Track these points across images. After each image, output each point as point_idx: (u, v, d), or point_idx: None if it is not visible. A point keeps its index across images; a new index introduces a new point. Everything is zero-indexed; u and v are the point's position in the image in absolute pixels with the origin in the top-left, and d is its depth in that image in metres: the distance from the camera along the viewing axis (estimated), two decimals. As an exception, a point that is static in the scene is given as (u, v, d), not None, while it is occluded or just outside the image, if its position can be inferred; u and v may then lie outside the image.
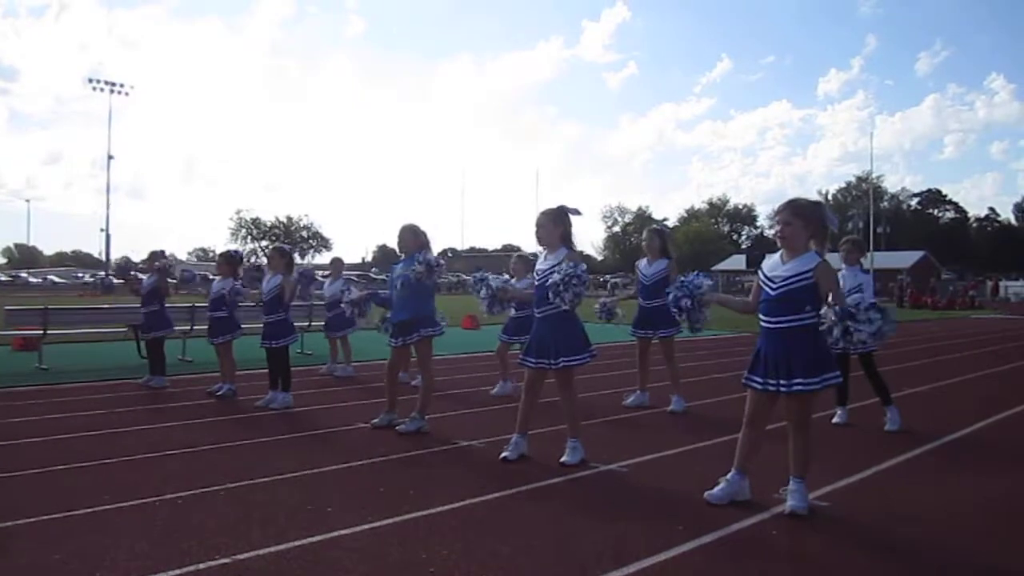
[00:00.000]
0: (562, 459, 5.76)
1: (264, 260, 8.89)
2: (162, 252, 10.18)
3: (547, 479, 5.39)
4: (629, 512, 4.71)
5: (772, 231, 5.90)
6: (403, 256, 7.15)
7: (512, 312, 9.05)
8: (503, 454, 5.87)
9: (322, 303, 11.84)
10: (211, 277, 10.11)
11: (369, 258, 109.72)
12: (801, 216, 4.65)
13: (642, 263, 8.39)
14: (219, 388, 9.00)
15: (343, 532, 4.25)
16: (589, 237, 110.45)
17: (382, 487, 5.20)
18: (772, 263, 4.73)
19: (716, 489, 4.78)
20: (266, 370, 8.53)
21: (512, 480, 5.32)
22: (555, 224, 5.85)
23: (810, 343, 4.58)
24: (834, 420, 7.40)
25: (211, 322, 9.32)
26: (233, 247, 78.18)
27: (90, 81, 64.89)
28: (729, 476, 4.80)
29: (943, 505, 4.94)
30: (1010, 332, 21.94)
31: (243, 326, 9.39)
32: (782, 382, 4.54)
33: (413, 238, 7.15)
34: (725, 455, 6.26)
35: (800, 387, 4.52)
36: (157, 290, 9.85)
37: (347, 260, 55.05)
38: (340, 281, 11.35)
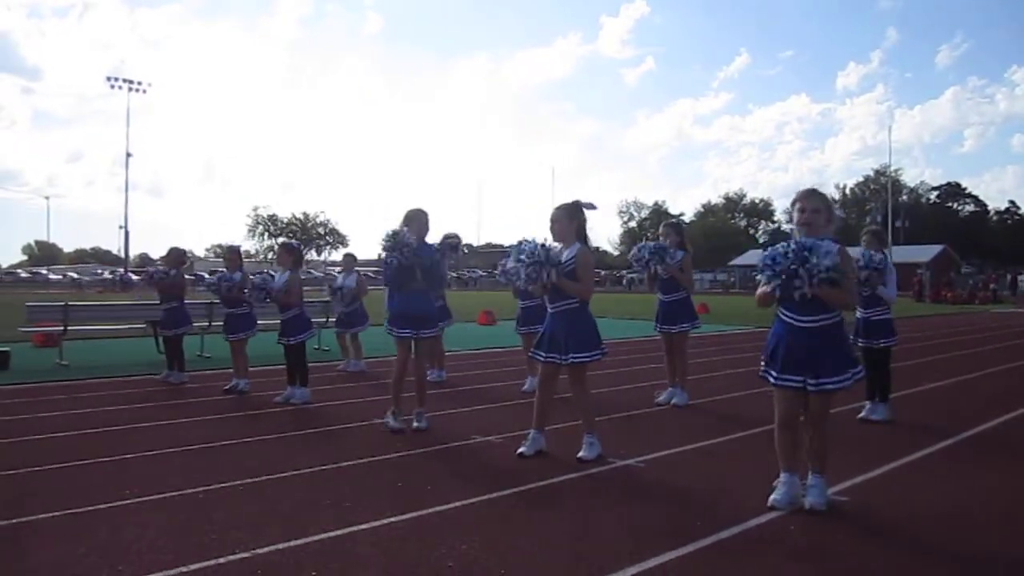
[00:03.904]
0: (579, 455, 5.75)
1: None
2: (182, 250, 10.26)
3: (564, 475, 5.39)
4: (647, 508, 4.70)
5: (795, 218, 5.64)
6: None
7: (520, 303, 9.14)
8: (520, 450, 5.86)
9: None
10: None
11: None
12: (824, 202, 4.66)
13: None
14: (234, 384, 9.04)
15: (361, 527, 4.27)
16: (605, 232, 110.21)
17: (400, 482, 5.21)
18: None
19: (778, 494, 4.57)
20: (283, 366, 8.57)
21: (529, 476, 5.32)
22: (570, 219, 5.85)
23: (838, 340, 4.56)
24: (862, 415, 7.31)
25: (227, 318, 9.38)
26: (246, 243, 78.80)
27: (108, 79, 65.14)
28: (783, 479, 4.62)
29: (964, 500, 4.90)
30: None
31: (259, 322, 9.46)
32: (810, 381, 4.49)
33: (428, 223, 7.07)
34: (742, 450, 6.26)
35: (832, 386, 4.49)
36: (176, 286, 9.93)
37: (363, 256, 55.22)
38: (353, 275, 11.40)
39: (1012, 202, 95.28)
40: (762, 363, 4.72)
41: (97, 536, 4.14)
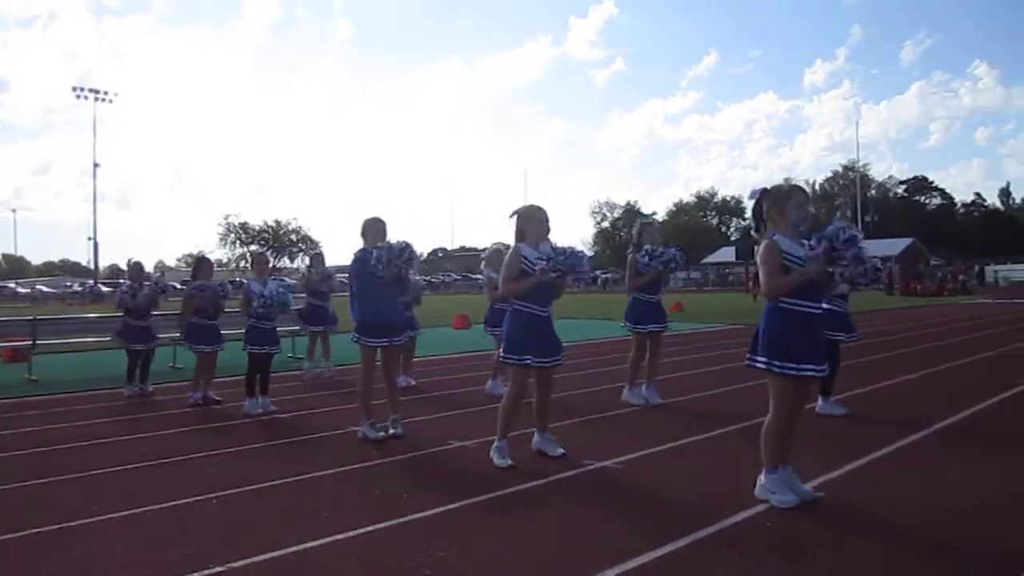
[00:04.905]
0: (560, 451, 5.88)
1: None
2: (140, 263, 10.11)
3: (541, 479, 5.38)
4: (625, 509, 4.70)
5: (796, 215, 5.65)
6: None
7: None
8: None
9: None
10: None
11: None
12: None
13: (642, 255, 8.10)
14: (199, 396, 8.95)
15: (338, 537, 4.23)
16: (579, 232, 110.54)
17: (376, 491, 5.18)
18: (792, 246, 4.57)
19: (787, 495, 4.60)
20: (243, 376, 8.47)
21: (507, 481, 5.31)
22: None
23: None
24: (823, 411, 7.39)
25: (207, 330, 9.18)
26: (217, 252, 78.10)
27: (74, 89, 64.61)
28: (782, 475, 4.66)
29: (938, 493, 4.94)
30: (999, 317, 22.03)
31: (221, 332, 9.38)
32: (820, 367, 4.60)
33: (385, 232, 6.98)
34: (718, 448, 6.29)
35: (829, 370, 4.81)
36: (154, 303, 9.83)
37: (338, 262, 54.91)
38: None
39: (978, 194, 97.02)
40: (773, 361, 4.53)
41: (69, 554, 4.08)
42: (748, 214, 4.88)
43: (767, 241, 4.59)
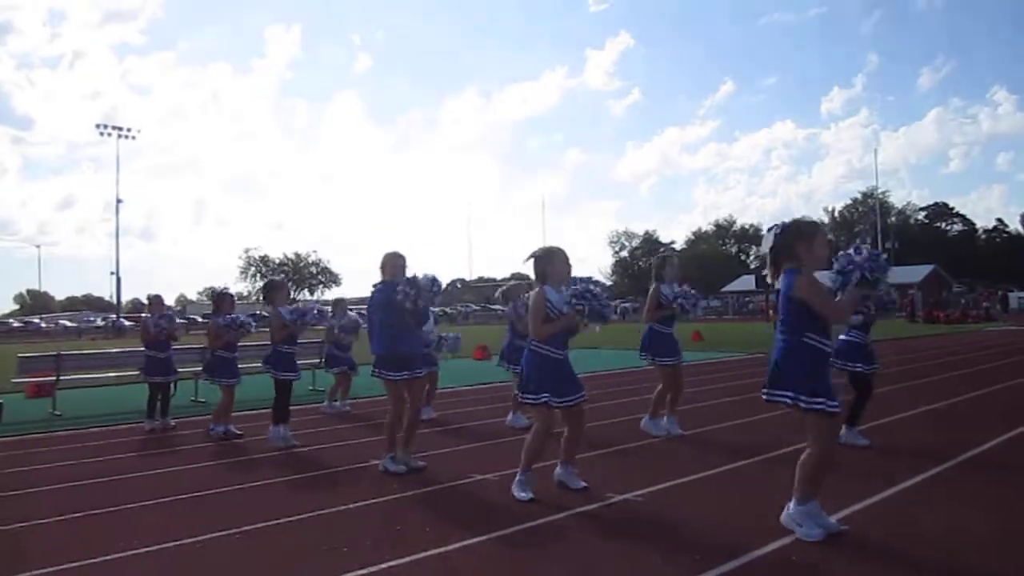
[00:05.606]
0: (581, 485, 5.87)
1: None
2: (160, 296, 10.27)
3: (563, 512, 5.37)
4: (647, 542, 4.67)
5: (823, 252, 5.80)
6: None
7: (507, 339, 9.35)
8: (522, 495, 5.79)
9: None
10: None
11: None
12: None
13: (665, 288, 8.16)
14: (223, 430, 9.02)
15: (360, 572, 4.23)
16: (597, 262, 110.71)
17: (398, 525, 5.18)
18: (823, 279, 4.65)
19: (814, 529, 4.56)
20: (267, 409, 8.52)
21: (529, 514, 5.30)
22: None
23: None
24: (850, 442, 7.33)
25: (231, 362, 9.36)
26: (238, 285, 78.82)
27: (98, 126, 65.97)
28: (814, 507, 4.64)
29: (962, 524, 4.88)
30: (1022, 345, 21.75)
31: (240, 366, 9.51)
32: (838, 402, 4.60)
33: (404, 267, 7.04)
34: (740, 480, 6.24)
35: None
36: (172, 335, 10.02)
37: (357, 294, 55.19)
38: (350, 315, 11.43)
39: (1000, 220, 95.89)
40: (824, 399, 4.50)
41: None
42: (764, 248, 4.86)
43: (805, 274, 4.58)
